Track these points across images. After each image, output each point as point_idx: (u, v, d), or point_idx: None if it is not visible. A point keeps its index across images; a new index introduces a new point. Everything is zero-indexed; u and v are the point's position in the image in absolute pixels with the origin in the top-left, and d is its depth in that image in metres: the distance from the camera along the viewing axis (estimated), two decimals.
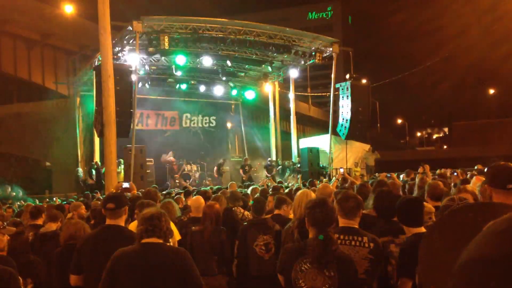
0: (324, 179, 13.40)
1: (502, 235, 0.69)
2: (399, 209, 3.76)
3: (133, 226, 4.54)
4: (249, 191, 8.79)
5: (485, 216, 0.78)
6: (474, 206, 0.90)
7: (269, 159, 22.14)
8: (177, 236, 5.01)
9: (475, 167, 12.29)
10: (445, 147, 59.24)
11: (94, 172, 18.69)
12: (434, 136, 72.73)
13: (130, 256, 3.17)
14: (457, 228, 0.85)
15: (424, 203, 4.07)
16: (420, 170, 11.37)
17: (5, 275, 2.96)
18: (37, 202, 13.96)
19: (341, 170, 11.04)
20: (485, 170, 3.69)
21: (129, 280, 3.11)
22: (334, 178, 16.66)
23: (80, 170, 20.51)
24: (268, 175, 19.85)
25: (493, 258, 0.67)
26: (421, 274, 0.87)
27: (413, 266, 2.58)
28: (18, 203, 14.59)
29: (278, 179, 17.14)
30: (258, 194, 7.28)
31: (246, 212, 6.42)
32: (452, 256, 0.75)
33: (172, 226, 4.13)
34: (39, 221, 6.36)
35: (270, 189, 8.63)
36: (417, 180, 7.40)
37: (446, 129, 66.71)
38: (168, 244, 3.38)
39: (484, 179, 4.93)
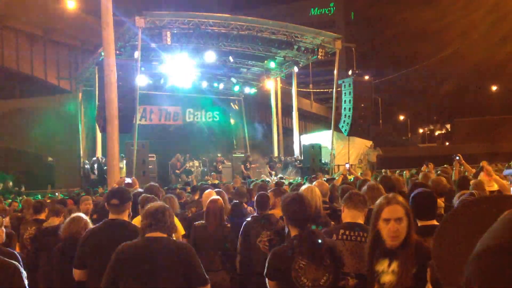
0: (322, 175, 13.25)
1: None
2: (412, 202, 3.76)
3: (136, 221, 4.55)
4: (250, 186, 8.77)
5: (499, 207, 0.78)
6: (488, 199, 0.90)
7: (270, 155, 22.16)
8: (181, 231, 5.01)
9: (480, 164, 12.20)
10: (447, 143, 59.12)
11: (96, 167, 18.72)
12: (436, 133, 72.53)
13: (134, 250, 3.17)
14: (471, 220, 0.85)
15: None
16: (424, 168, 11.33)
17: (9, 268, 2.95)
18: (39, 197, 14.00)
19: (347, 166, 10.98)
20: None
21: (133, 274, 3.10)
22: (335, 174, 16.64)
23: (87, 162, 20.57)
24: (271, 171, 19.86)
25: (509, 246, 0.67)
26: (435, 267, 0.86)
27: None
28: (20, 197, 14.60)
29: (279, 175, 17.13)
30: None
31: (249, 208, 6.41)
32: (466, 248, 0.75)
33: (176, 221, 4.13)
34: (42, 216, 6.38)
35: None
36: (420, 176, 7.37)
37: (448, 126, 66.55)
38: (172, 238, 3.38)
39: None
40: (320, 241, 3.23)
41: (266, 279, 3.40)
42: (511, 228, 0.69)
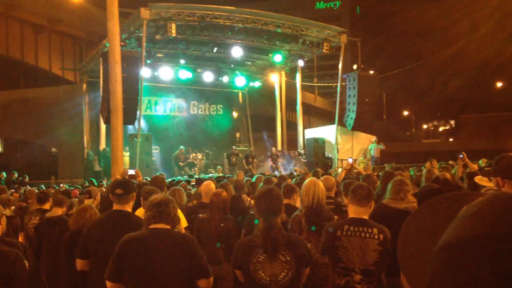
0: (321, 170, 13.17)
1: (474, 216, 0.70)
2: (419, 197, 3.75)
3: (139, 212, 4.55)
4: (253, 180, 8.76)
5: (459, 204, 0.79)
6: (449, 197, 0.91)
7: (272, 149, 22.14)
8: (183, 223, 5.02)
9: (480, 161, 12.17)
10: (451, 139, 58.97)
11: (102, 158, 18.77)
12: (440, 129, 72.32)
13: (138, 241, 3.18)
14: (432, 218, 0.86)
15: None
16: (427, 165, 11.29)
17: (11, 256, 2.97)
18: (43, 187, 14.04)
19: (350, 160, 10.96)
20: (492, 163, 3.66)
21: (136, 266, 3.11)
22: (339, 168, 16.64)
23: (91, 153, 20.60)
24: (273, 165, 19.84)
25: (467, 239, 0.67)
26: (401, 267, 0.87)
27: None
28: (24, 188, 14.65)
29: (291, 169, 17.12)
30: (262, 183, 7.27)
31: (252, 201, 6.40)
32: (429, 247, 0.76)
33: (179, 213, 4.13)
34: (46, 206, 6.41)
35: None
36: (424, 172, 7.35)
37: (452, 122, 66.35)
38: (176, 230, 3.37)
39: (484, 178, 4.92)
40: (274, 236, 3.20)
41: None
42: (467, 222, 0.70)
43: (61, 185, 16.37)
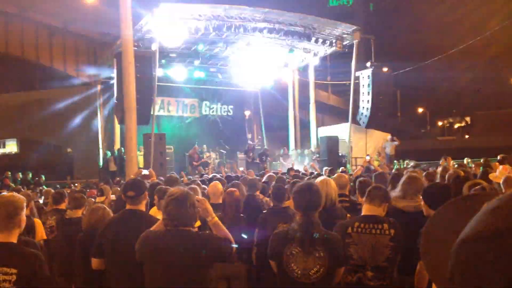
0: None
1: (494, 212, 0.71)
2: (426, 194, 3.73)
3: (153, 211, 4.58)
4: (264, 178, 8.73)
5: (481, 203, 0.79)
6: (473, 196, 0.91)
7: (284, 148, 22.13)
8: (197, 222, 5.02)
9: (498, 157, 12.06)
10: (466, 136, 58.27)
11: (116, 158, 18.90)
12: (456, 126, 71.49)
13: (157, 241, 3.18)
14: (456, 218, 0.87)
15: None
16: (442, 162, 11.19)
17: (31, 257, 3.01)
18: (59, 187, 14.17)
19: (367, 158, 10.93)
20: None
21: (157, 263, 3.12)
22: (353, 166, 16.57)
23: (109, 153, 20.71)
24: (285, 163, 19.80)
25: (487, 234, 0.68)
26: (424, 265, 0.87)
27: None
28: (40, 188, 14.80)
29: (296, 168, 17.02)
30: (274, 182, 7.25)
31: (265, 199, 6.40)
32: (452, 242, 0.77)
33: None
34: (62, 206, 6.47)
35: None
36: (439, 170, 7.28)
37: (468, 119, 65.53)
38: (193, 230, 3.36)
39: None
40: (314, 231, 3.22)
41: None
42: (487, 218, 0.71)
43: (76, 184, 16.51)
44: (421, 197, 3.90)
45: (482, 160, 11.75)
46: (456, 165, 8.87)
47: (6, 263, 2.89)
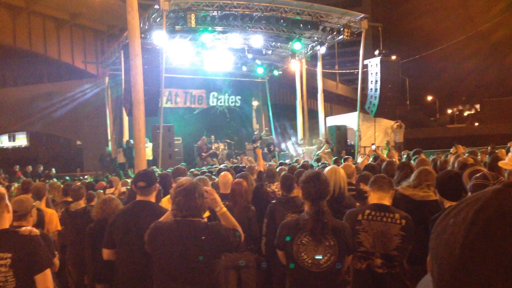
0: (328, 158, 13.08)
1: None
2: (438, 182, 3.72)
3: (163, 202, 4.60)
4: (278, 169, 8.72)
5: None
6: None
7: (292, 138, 22.10)
8: (206, 212, 5.04)
9: (508, 144, 12.00)
10: (476, 124, 57.88)
11: (126, 150, 18.98)
12: (465, 113, 70.98)
13: (166, 231, 3.19)
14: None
15: None
16: (453, 150, 11.10)
17: (25, 241, 3.03)
18: (69, 179, 14.28)
19: (373, 147, 10.87)
20: None
21: (166, 253, 3.13)
22: (359, 155, 16.49)
23: (124, 144, 20.78)
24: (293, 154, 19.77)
25: (494, 214, 0.72)
26: (432, 260, 0.85)
27: None
28: (51, 181, 14.94)
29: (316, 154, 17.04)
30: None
31: (275, 188, 6.41)
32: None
33: None
34: (70, 198, 6.55)
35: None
36: (452, 158, 7.20)
37: (477, 106, 65.02)
38: (202, 221, 3.37)
39: None
40: (325, 220, 3.22)
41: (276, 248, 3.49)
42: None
43: (86, 176, 16.63)
44: (433, 189, 3.89)
45: (489, 148, 11.68)
46: (467, 154, 8.77)
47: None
